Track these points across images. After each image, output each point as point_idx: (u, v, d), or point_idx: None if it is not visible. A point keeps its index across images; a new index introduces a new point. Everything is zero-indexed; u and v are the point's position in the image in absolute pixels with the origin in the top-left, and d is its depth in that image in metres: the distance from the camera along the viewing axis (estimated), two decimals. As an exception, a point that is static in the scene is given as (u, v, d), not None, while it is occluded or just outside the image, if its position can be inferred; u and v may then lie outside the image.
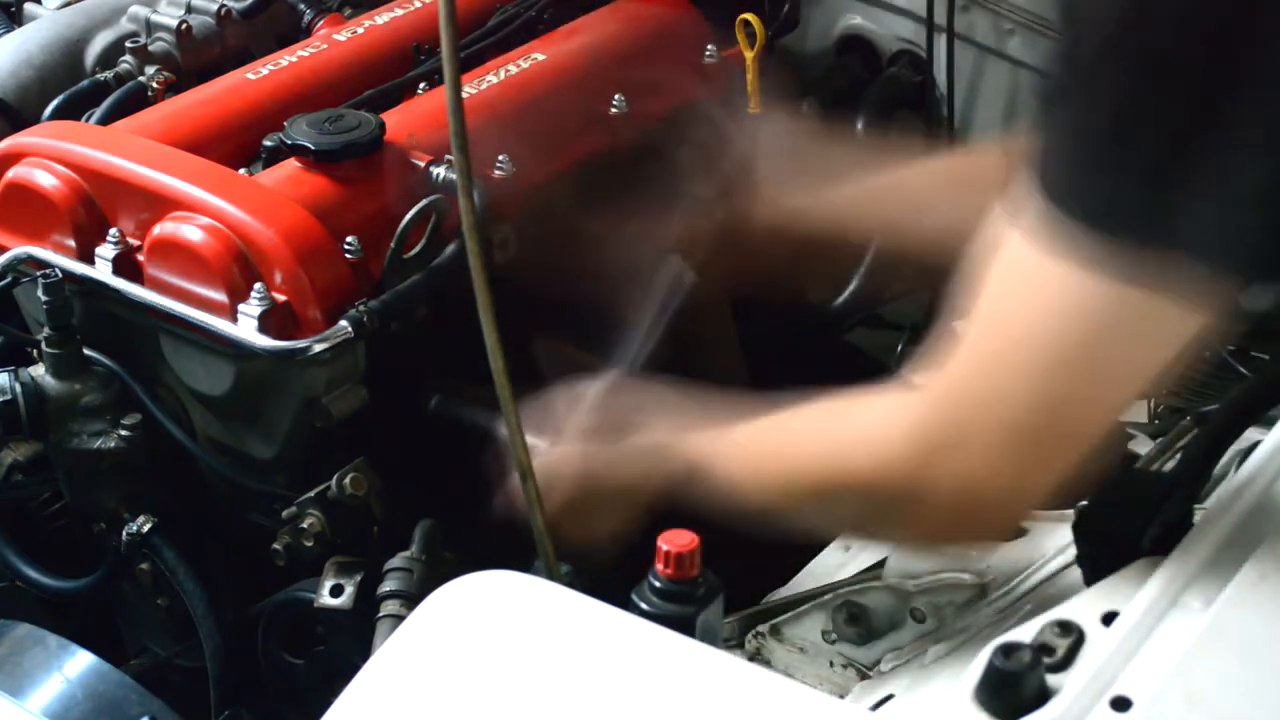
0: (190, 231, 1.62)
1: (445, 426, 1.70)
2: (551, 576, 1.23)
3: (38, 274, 1.65)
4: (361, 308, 1.60)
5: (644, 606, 1.23)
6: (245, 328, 1.59)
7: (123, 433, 1.67)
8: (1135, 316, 1.08)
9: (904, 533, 1.34)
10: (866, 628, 1.49)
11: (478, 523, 1.55)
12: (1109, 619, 1.07)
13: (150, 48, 2.03)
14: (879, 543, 1.48)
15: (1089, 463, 1.17)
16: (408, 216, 1.64)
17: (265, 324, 1.58)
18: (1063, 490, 1.19)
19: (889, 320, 2.10)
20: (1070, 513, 1.27)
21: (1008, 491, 1.18)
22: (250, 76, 1.88)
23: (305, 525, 1.58)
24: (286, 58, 1.92)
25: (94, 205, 1.70)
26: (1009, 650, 1.00)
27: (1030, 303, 1.12)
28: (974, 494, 1.16)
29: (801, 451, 1.31)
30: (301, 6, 2.12)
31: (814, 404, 1.31)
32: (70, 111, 1.93)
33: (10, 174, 1.74)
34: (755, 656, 1.54)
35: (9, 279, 1.72)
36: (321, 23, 2.08)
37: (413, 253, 1.66)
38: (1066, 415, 1.14)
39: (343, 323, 1.60)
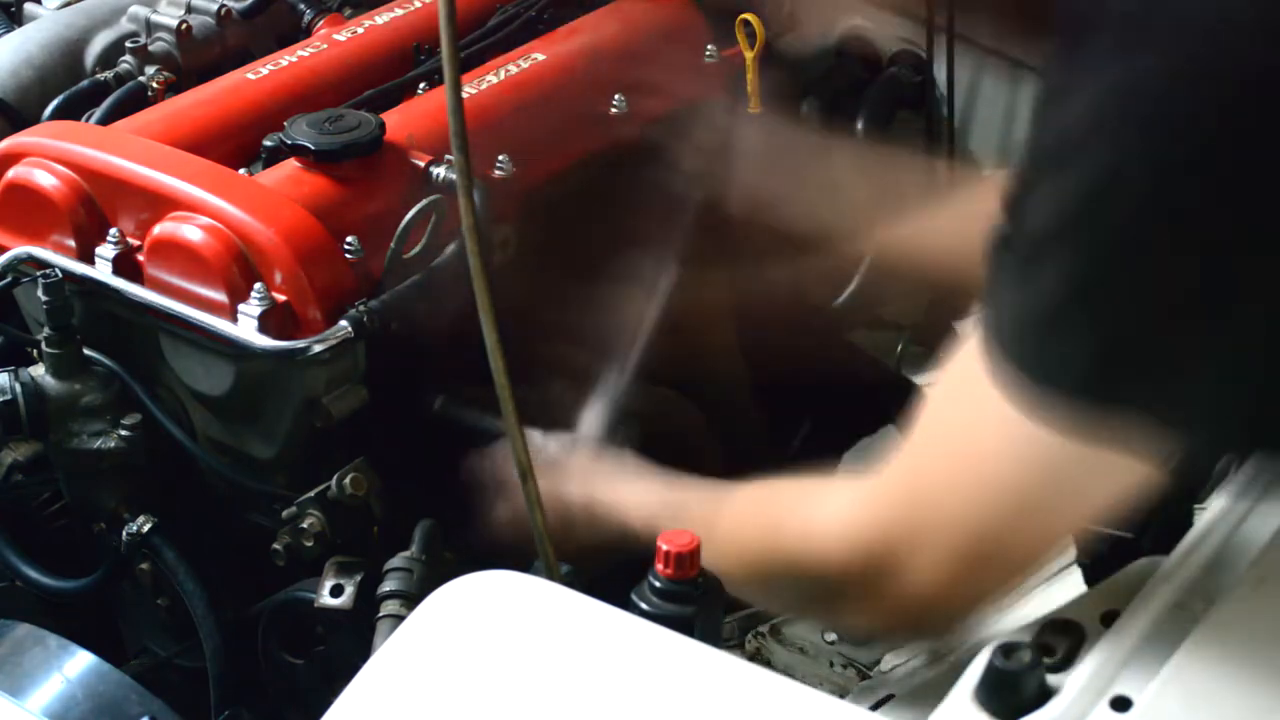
0: (190, 231, 1.62)
1: (449, 428, 1.70)
2: (551, 576, 1.23)
3: (38, 274, 1.65)
4: (361, 308, 1.60)
5: (644, 606, 1.23)
6: (245, 328, 1.59)
7: (123, 433, 1.67)
8: (1079, 467, 1.09)
9: (844, 625, 1.38)
10: (866, 628, 1.49)
11: (478, 523, 1.55)
12: (1109, 619, 1.07)
13: (150, 48, 2.03)
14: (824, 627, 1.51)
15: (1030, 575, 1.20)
16: (408, 216, 1.64)
17: (265, 324, 1.58)
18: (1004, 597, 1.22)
19: (889, 320, 2.10)
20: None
21: (949, 600, 1.19)
22: (250, 76, 1.88)
23: (305, 525, 1.58)
24: (286, 58, 1.92)
25: (94, 205, 1.70)
26: (1009, 650, 1.00)
27: (976, 433, 1.13)
28: (916, 599, 1.18)
29: (755, 539, 1.32)
30: (301, 6, 2.12)
31: (770, 489, 1.33)
32: (70, 111, 1.93)
33: (10, 174, 1.74)
34: (755, 656, 1.54)
35: (9, 279, 1.72)
36: (321, 23, 2.08)
37: (413, 253, 1.66)
38: (1009, 543, 1.15)
39: (343, 323, 1.59)
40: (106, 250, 1.67)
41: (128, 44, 2.03)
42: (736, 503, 1.36)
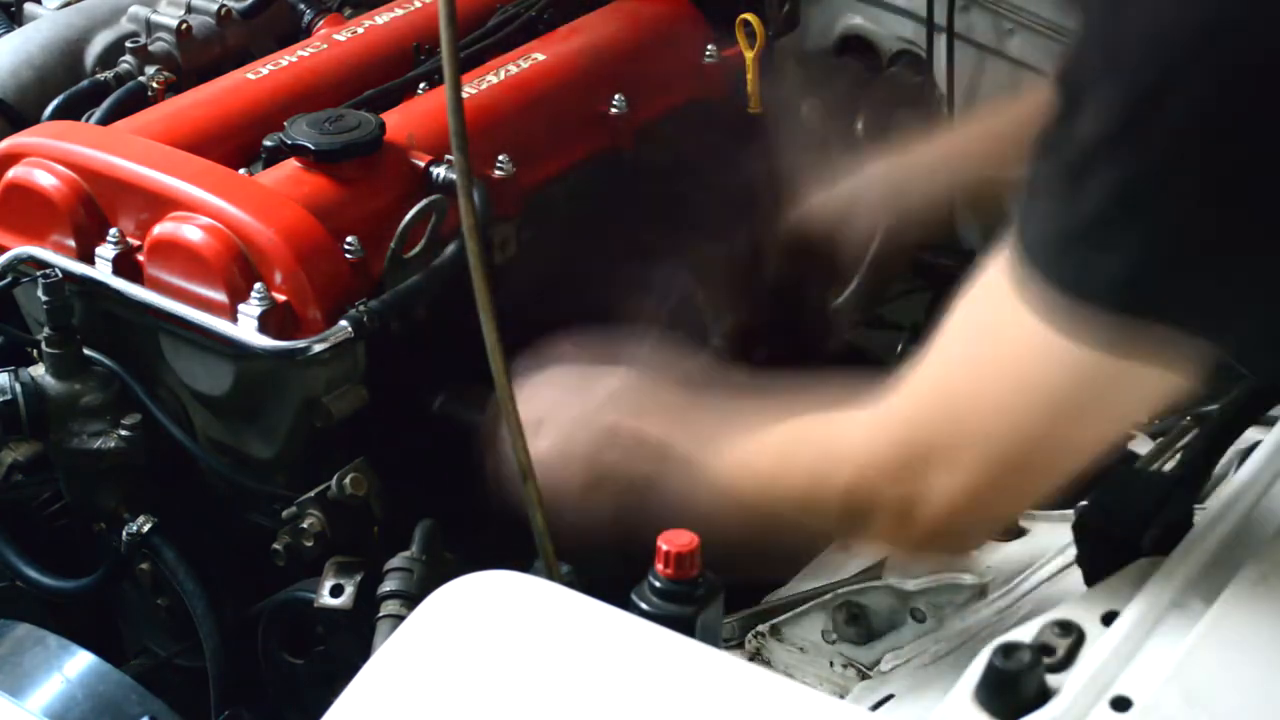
0: (190, 231, 1.62)
1: (449, 426, 1.70)
2: (551, 576, 1.23)
3: (38, 274, 1.65)
4: (361, 308, 1.60)
5: (644, 606, 1.23)
6: (245, 328, 1.59)
7: (123, 433, 1.67)
8: (1108, 379, 1.09)
9: (877, 542, 1.35)
10: (866, 628, 1.49)
11: (478, 522, 1.55)
12: (1109, 619, 1.07)
13: (150, 48, 2.03)
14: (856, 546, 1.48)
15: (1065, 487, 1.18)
16: (408, 216, 1.64)
17: (265, 324, 1.58)
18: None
19: (889, 320, 2.10)
20: (1070, 513, 1.27)
21: (977, 511, 1.18)
22: (250, 76, 1.88)
23: (305, 525, 1.58)
24: (286, 58, 1.92)
25: (94, 205, 1.70)
26: (1009, 650, 1.00)
27: (1006, 341, 1.12)
28: (950, 513, 1.17)
29: (788, 459, 1.30)
30: (301, 6, 2.12)
31: (803, 415, 1.30)
32: (70, 111, 1.93)
33: (10, 174, 1.74)
34: (755, 656, 1.54)
35: (9, 279, 1.72)
36: (321, 23, 2.08)
37: (413, 253, 1.66)
38: (1041, 451, 1.14)
39: (343, 323, 1.60)
40: (106, 250, 1.67)
41: (128, 44, 2.03)
42: (777, 430, 1.33)
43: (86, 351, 1.69)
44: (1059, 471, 1.16)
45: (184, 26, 2.05)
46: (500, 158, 1.77)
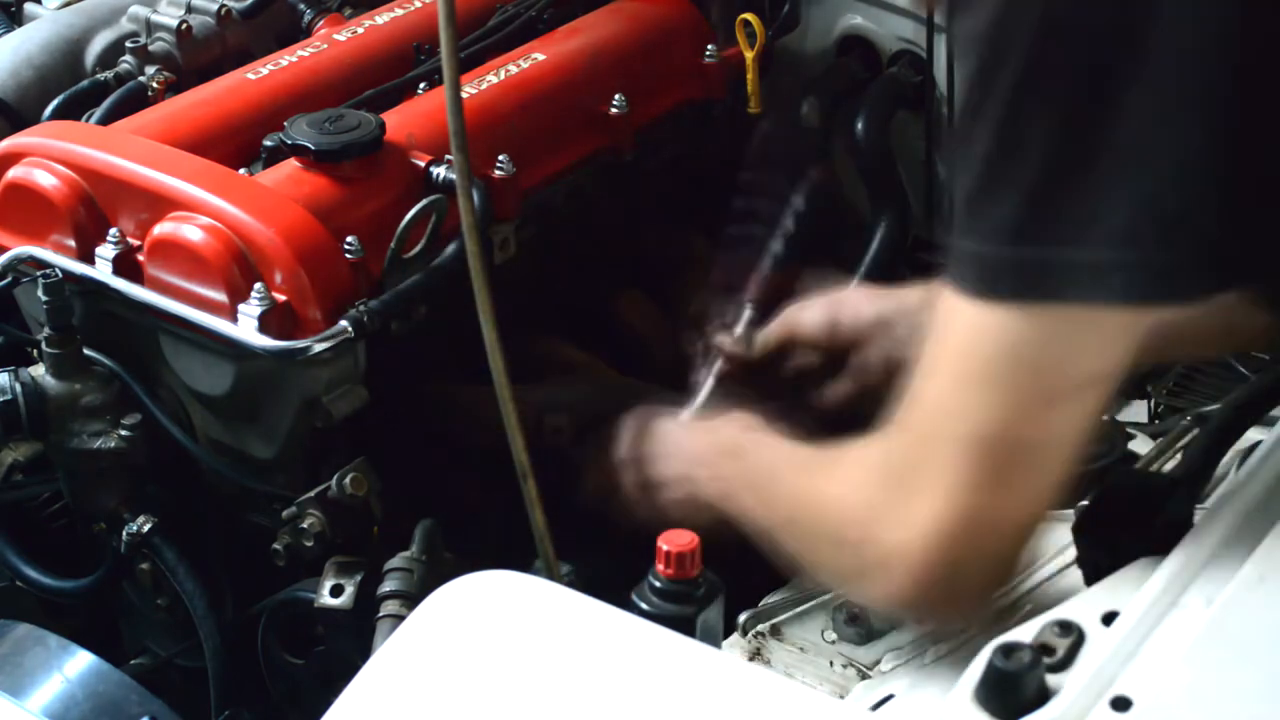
0: (190, 231, 1.62)
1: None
2: (551, 576, 1.23)
3: (38, 274, 1.65)
4: (361, 308, 1.60)
5: (644, 606, 1.23)
6: (245, 328, 1.59)
7: (123, 433, 1.67)
8: (1038, 341, 1.11)
9: (881, 582, 1.23)
10: (866, 628, 1.49)
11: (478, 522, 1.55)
12: (1109, 619, 1.07)
13: (150, 48, 2.03)
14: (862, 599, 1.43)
15: (1058, 498, 1.17)
16: (408, 216, 1.64)
17: (265, 324, 1.58)
18: (1033, 533, 1.19)
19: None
20: (1070, 513, 1.27)
21: (977, 525, 1.15)
22: (250, 76, 1.88)
23: (305, 525, 1.58)
24: (286, 58, 1.92)
25: (94, 205, 1.70)
26: (1009, 650, 1.00)
27: (949, 341, 1.15)
28: (943, 529, 1.15)
29: (788, 484, 1.33)
30: (301, 6, 2.12)
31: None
32: (70, 111, 1.93)
33: (10, 174, 1.74)
34: (755, 656, 1.54)
35: (9, 279, 1.72)
36: (321, 23, 2.08)
37: (413, 253, 1.66)
38: (1005, 442, 1.14)
39: (343, 323, 1.60)
40: (106, 250, 1.67)
41: (128, 44, 2.03)
42: (785, 455, 1.36)
43: (86, 351, 1.69)
44: (1036, 464, 1.15)
45: (184, 26, 2.05)
46: (500, 158, 1.77)
